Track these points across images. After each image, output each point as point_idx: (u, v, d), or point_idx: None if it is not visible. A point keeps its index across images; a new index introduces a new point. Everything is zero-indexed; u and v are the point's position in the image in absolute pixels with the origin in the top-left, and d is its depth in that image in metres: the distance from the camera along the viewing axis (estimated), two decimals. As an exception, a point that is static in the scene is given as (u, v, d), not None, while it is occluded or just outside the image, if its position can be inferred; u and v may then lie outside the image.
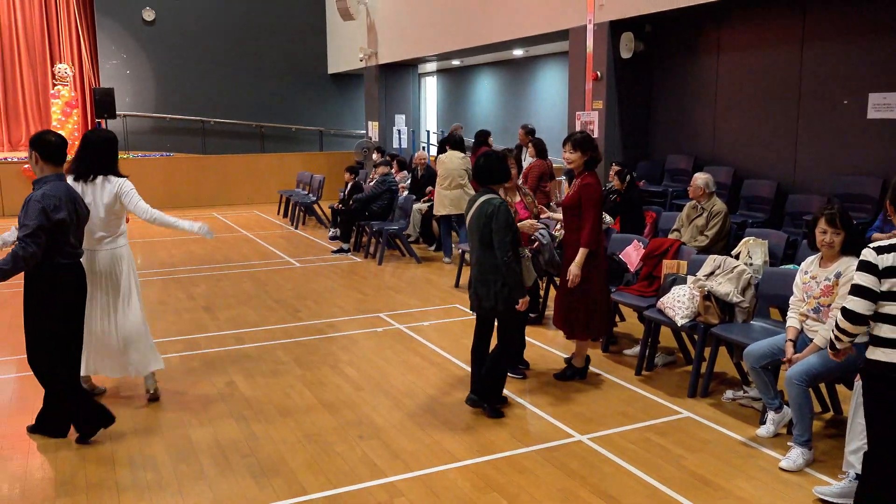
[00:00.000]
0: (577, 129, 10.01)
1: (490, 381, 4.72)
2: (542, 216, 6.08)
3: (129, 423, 4.61)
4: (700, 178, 6.78)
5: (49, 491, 3.82)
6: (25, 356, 4.40)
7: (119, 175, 4.82)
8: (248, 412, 4.81)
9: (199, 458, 4.17)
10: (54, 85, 16.61)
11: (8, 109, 17.66)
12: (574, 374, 5.37)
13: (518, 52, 15.88)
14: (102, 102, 14.58)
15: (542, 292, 7.02)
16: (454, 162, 9.28)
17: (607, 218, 7.71)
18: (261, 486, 3.85)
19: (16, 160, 14.71)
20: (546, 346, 6.18)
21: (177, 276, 8.88)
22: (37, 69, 17.64)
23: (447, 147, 9.58)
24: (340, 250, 10.50)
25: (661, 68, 10.08)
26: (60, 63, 16.96)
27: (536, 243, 5.68)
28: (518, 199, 5.72)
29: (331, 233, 11.64)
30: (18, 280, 4.21)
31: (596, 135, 9.68)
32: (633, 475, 3.94)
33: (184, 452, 4.24)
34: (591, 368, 5.50)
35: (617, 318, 6.54)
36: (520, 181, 6.42)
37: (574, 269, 5.06)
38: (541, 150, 9.32)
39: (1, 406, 4.95)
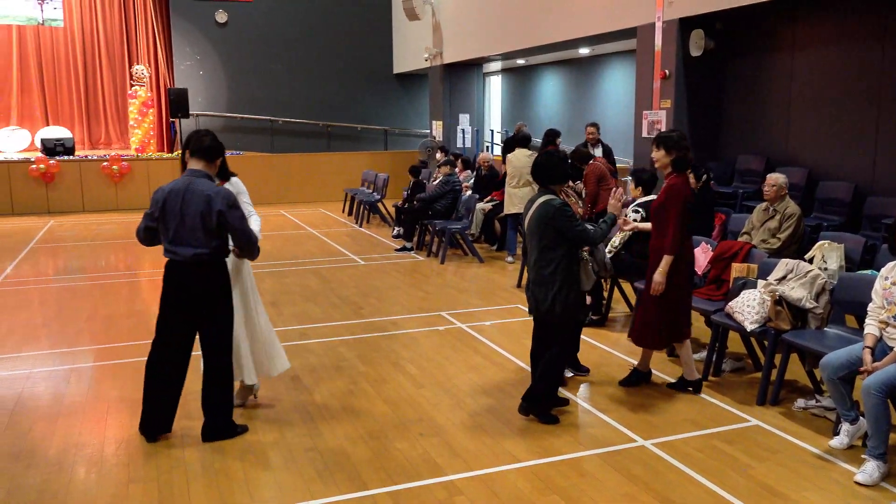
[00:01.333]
0: (644, 128, 9.84)
1: (543, 385, 4.65)
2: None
3: (198, 415, 4.74)
4: (776, 178, 6.54)
5: (122, 476, 3.96)
6: (104, 346, 4.56)
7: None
8: (311, 407, 4.89)
9: (265, 450, 4.26)
10: (132, 85, 17.23)
11: (89, 109, 18.39)
12: (685, 387, 5.10)
13: (584, 51, 15.70)
14: (177, 102, 15.07)
15: (605, 293, 6.92)
16: (521, 160, 9.23)
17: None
18: (323, 479, 3.91)
19: (95, 158, 15.31)
20: (609, 348, 6.09)
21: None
22: (116, 70, 18.32)
23: (515, 146, 9.55)
24: (403, 249, 10.57)
25: (732, 66, 9.81)
26: (138, 64, 17.58)
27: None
28: (572, 199, 5.35)
29: (394, 231, 11.74)
30: (95, 272, 4.37)
31: (663, 134, 9.48)
32: (697, 483, 3.85)
33: (250, 444, 4.34)
34: (655, 373, 5.40)
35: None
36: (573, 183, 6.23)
37: (657, 278, 4.81)
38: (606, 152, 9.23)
39: (78, 395, 5.16)
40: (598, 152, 9.87)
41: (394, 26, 18.96)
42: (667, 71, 9.44)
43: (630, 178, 6.60)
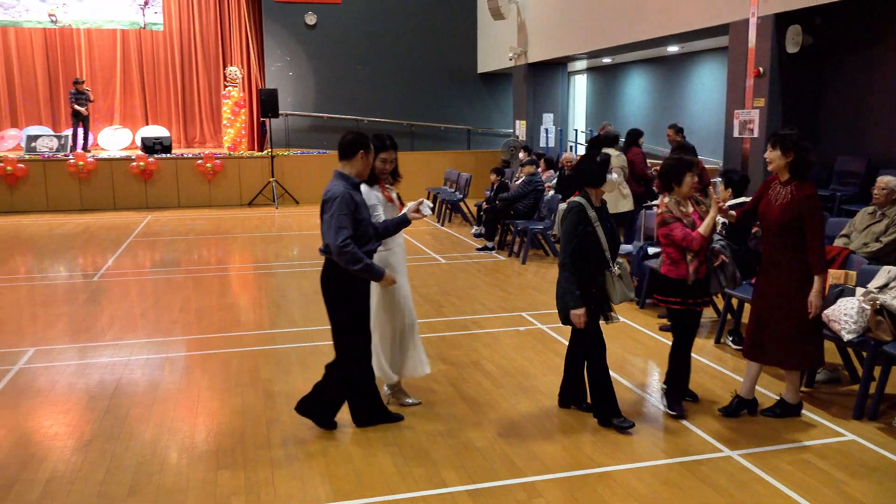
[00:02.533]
0: (735, 129, 9.52)
1: (594, 393, 4.60)
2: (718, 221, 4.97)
3: (286, 406, 4.87)
4: (888, 181, 6.17)
5: (211, 462, 4.11)
6: (195, 337, 4.73)
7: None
8: (392, 404, 4.95)
9: (346, 443, 4.34)
10: (225, 86, 17.85)
11: (185, 109, 19.17)
12: (783, 412, 4.69)
13: (673, 49, 15.33)
14: (267, 102, 15.52)
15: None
16: (624, 159, 9.13)
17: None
18: (402, 475, 3.96)
19: (190, 156, 15.95)
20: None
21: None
22: (211, 72, 19.03)
23: (602, 145, 9.43)
24: (485, 248, 10.58)
25: (831, 63, 9.37)
26: (231, 66, 18.20)
27: (719, 258, 4.70)
28: (691, 208, 4.68)
29: (475, 230, 11.76)
30: (188, 265, 4.54)
31: (756, 134, 9.16)
32: (787, 497, 3.70)
33: (333, 436, 4.44)
34: (740, 380, 5.21)
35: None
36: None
37: (815, 300, 4.34)
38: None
39: (171, 382, 5.38)
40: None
41: (479, 26, 18.98)
42: (761, 69, 9.10)
43: (720, 179, 6.39)
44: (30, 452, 4.23)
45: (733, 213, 4.77)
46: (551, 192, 10.60)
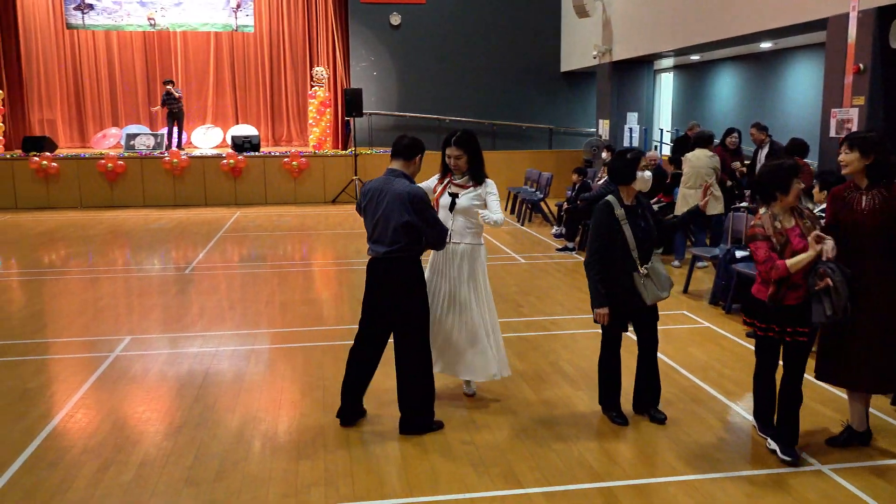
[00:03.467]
0: (832, 128, 9.10)
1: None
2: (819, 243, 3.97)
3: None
4: None
5: (293, 453, 4.22)
6: (279, 330, 4.85)
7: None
8: (469, 401, 4.96)
9: (423, 440, 4.38)
10: (312, 86, 18.27)
11: (273, 109, 19.72)
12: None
13: (765, 45, 14.77)
14: (352, 102, 15.80)
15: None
16: (701, 160, 8.89)
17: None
18: (479, 473, 3.96)
19: (277, 154, 16.40)
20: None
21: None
22: (298, 72, 19.51)
23: (695, 145, 9.24)
24: (565, 248, 10.47)
25: (939, 59, 8.83)
26: (318, 66, 18.62)
27: (824, 282, 3.84)
28: (792, 222, 4.01)
29: (556, 230, 11.65)
30: (274, 260, 4.65)
31: (854, 134, 8.73)
32: (883, 516, 3.52)
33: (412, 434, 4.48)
34: (839, 394, 4.98)
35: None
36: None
37: None
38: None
39: (256, 374, 5.55)
40: (763, 154, 9.50)
41: (563, 24, 18.79)
42: (861, 65, 8.66)
43: (815, 180, 6.12)
44: (124, 436, 4.45)
45: (830, 273, 3.84)
46: (634, 193, 10.38)
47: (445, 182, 4.87)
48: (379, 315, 4.47)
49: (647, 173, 4.42)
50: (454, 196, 4.79)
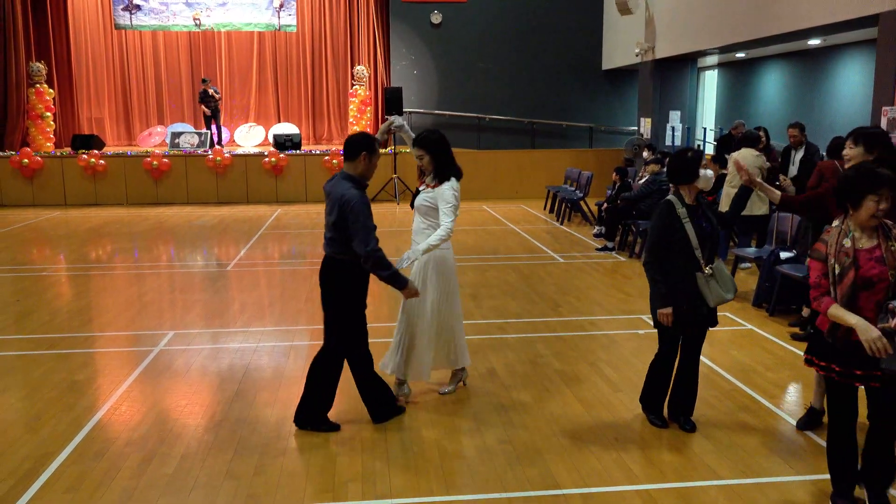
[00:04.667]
0: (883, 125, 8.86)
1: (645, 383, 4.63)
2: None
3: (404, 398, 4.97)
4: None
5: (331, 449, 4.25)
6: (318, 327, 4.89)
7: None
8: (506, 401, 4.96)
9: (461, 438, 4.39)
10: (352, 85, 18.40)
11: (314, 107, 19.91)
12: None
13: (814, 42, 14.44)
14: (392, 100, 15.86)
15: None
16: (747, 160, 8.75)
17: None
18: (515, 472, 3.95)
19: (318, 153, 16.55)
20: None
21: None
22: (339, 71, 19.67)
23: (741, 144, 9.11)
24: (605, 248, 10.38)
25: None
26: (359, 65, 18.74)
27: (894, 321, 3.23)
28: (872, 242, 3.33)
29: (595, 230, 11.56)
30: (313, 258, 4.69)
31: (906, 133, 8.49)
32: (932, 526, 3.41)
33: (447, 431, 4.49)
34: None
35: None
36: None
37: None
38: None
39: (296, 369, 5.61)
40: (798, 156, 9.28)
41: (605, 22, 18.61)
42: (914, 62, 8.42)
43: None
44: (167, 429, 4.54)
45: None
46: (676, 193, 10.24)
47: (422, 182, 4.88)
48: (324, 312, 4.50)
49: (710, 171, 4.32)
50: (416, 194, 4.80)
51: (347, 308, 4.41)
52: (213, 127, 17.19)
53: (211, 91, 17.01)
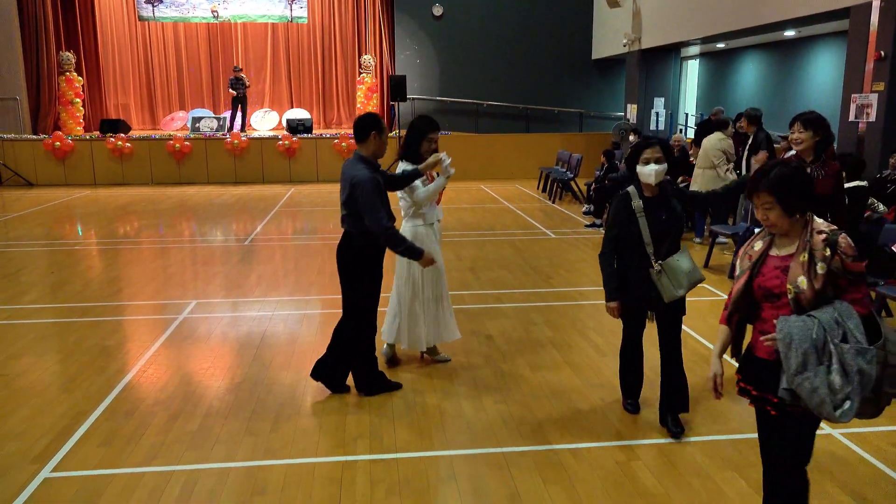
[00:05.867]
0: (852, 112, 8.80)
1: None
2: None
3: (406, 362, 4.99)
4: None
5: (341, 408, 4.28)
6: (329, 297, 4.88)
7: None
8: (503, 365, 4.98)
9: (460, 398, 4.41)
10: (360, 73, 18.25)
11: (325, 94, 19.78)
12: None
13: (789, 33, 14.31)
14: (396, 88, 15.74)
15: None
16: (711, 142, 8.77)
17: (881, 207, 6.76)
18: (509, 429, 3.98)
19: (328, 136, 16.47)
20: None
21: (448, 240, 9.39)
22: (347, 60, 19.51)
23: (713, 129, 9.08)
24: (593, 225, 10.36)
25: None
26: (366, 54, 18.58)
27: (768, 342, 2.61)
28: (792, 250, 2.57)
29: (585, 208, 11.53)
30: (325, 233, 4.66)
31: (873, 119, 8.44)
32: (889, 478, 3.44)
33: (448, 391, 4.52)
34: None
35: (883, 314, 5.71)
36: None
37: None
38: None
39: (308, 336, 5.63)
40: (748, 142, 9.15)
41: (595, 15, 18.42)
42: (882, 52, 8.35)
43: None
44: (191, 390, 4.57)
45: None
46: (660, 174, 10.20)
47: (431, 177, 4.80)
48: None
49: (649, 167, 3.71)
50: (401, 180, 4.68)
51: (360, 281, 4.36)
52: (239, 112, 17.10)
53: (246, 81, 16.95)
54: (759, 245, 2.67)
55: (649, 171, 3.74)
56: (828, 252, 2.47)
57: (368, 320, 4.43)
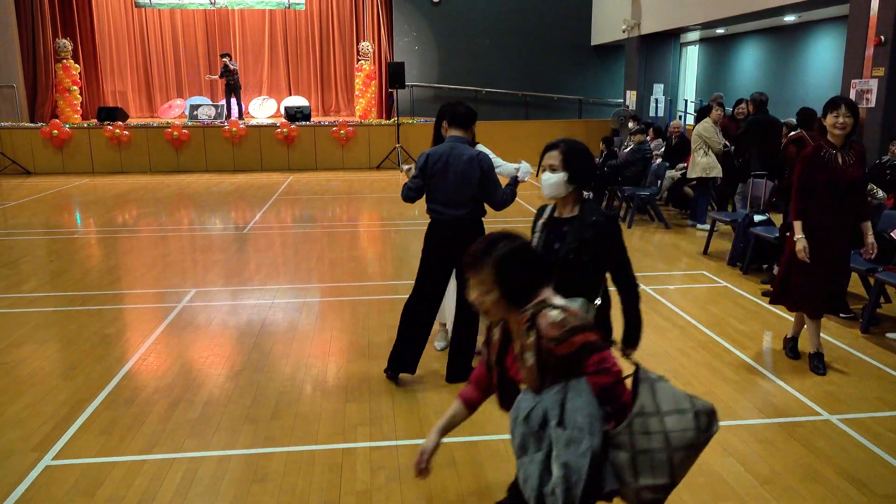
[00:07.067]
0: (852, 97, 8.77)
1: None
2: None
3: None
4: None
5: (341, 395, 4.30)
6: (328, 285, 4.88)
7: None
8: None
9: (459, 386, 4.41)
10: (358, 60, 18.15)
11: (323, 81, 19.68)
12: None
13: (789, 19, 14.23)
14: (395, 75, 15.66)
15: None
16: (697, 128, 8.98)
17: (880, 193, 6.75)
18: (505, 419, 3.98)
19: (326, 124, 16.40)
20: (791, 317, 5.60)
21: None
22: (346, 47, 19.40)
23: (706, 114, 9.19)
24: (592, 212, 10.34)
25: (961, 31, 8.40)
26: (364, 41, 18.47)
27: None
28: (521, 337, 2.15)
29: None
30: (323, 221, 4.65)
31: (873, 104, 8.41)
32: (886, 463, 3.46)
33: (443, 380, 4.52)
34: (850, 350, 4.88)
35: (882, 300, 5.72)
36: None
37: None
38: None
39: (308, 324, 5.64)
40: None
41: (594, 0, 18.30)
42: (882, 37, 8.30)
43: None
44: (191, 378, 4.57)
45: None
46: (659, 160, 10.20)
47: None
48: (440, 274, 4.39)
49: (544, 177, 2.87)
50: None
51: (422, 262, 4.40)
52: (233, 100, 17.01)
53: (231, 66, 16.79)
54: (497, 333, 2.25)
55: (543, 182, 2.87)
56: (531, 337, 2.01)
57: (421, 301, 4.46)
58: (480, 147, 4.56)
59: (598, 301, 2.78)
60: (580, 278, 2.76)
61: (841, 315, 5.56)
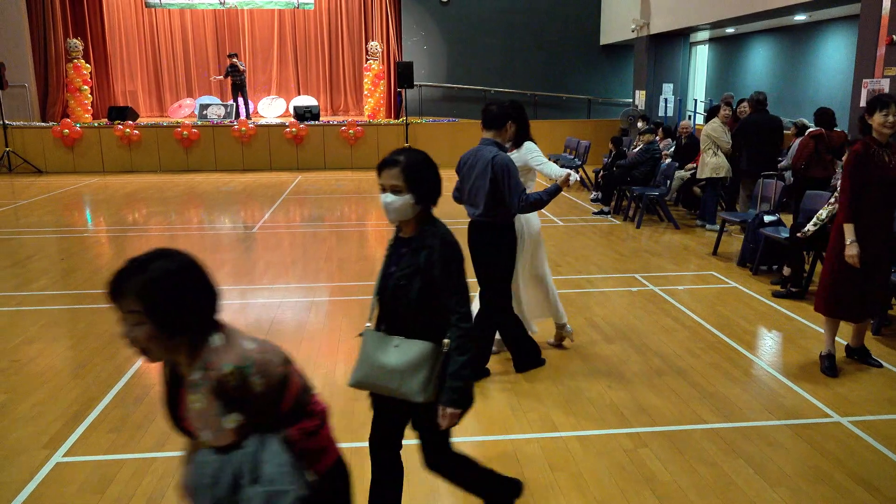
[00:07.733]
0: (863, 98, 8.71)
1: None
2: None
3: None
4: None
5: (349, 394, 4.30)
6: (337, 284, 4.88)
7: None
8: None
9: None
10: (367, 59, 18.18)
11: (332, 81, 19.72)
12: None
13: (799, 18, 14.15)
14: (403, 74, 15.67)
15: (807, 266, 6.31)
16: (705, 129, 8.98)
17: None
18: (517, 417, 3.99)
19: (335, 123, 16.43)
20: (806, 321, 5.57)
21: (456, 227, 9.39)
22: (354, 46, 19.43)
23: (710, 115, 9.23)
24: (601, 212, 10.32)
25: (974, 30, 8.34)
26: (373, 41, 18.49)
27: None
28: None
29: (593, 195, 11.49)
30: (332, 221, 4.65)
31: (885, 104, 8.34)
32: (898, 466, 3.44)
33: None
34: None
35: (894, 301, 5.68)
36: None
37: None
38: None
39: (317, 323, 5.65)
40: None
41: (603, 0, 18.28)
42: (894, 36, 8.24)
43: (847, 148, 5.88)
44: (200, 376, 4.58)
45: None
46: (668, 160, 10.17)
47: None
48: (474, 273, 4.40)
49: (382, 198, 2.49)
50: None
51: (502, 268, 4.35)
52: (240, 99, 17.06)
53: (240, 66, 16.84)
54: (166, 376, 1.95)
55: (385, 206, 2.49)
56: (197, 373, 1.75)
57: (509, 306, 4.51)
58: (528, 144, 4.59)
59: (446, 340, 2.45)
60: (419, 310, 2.46)
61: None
